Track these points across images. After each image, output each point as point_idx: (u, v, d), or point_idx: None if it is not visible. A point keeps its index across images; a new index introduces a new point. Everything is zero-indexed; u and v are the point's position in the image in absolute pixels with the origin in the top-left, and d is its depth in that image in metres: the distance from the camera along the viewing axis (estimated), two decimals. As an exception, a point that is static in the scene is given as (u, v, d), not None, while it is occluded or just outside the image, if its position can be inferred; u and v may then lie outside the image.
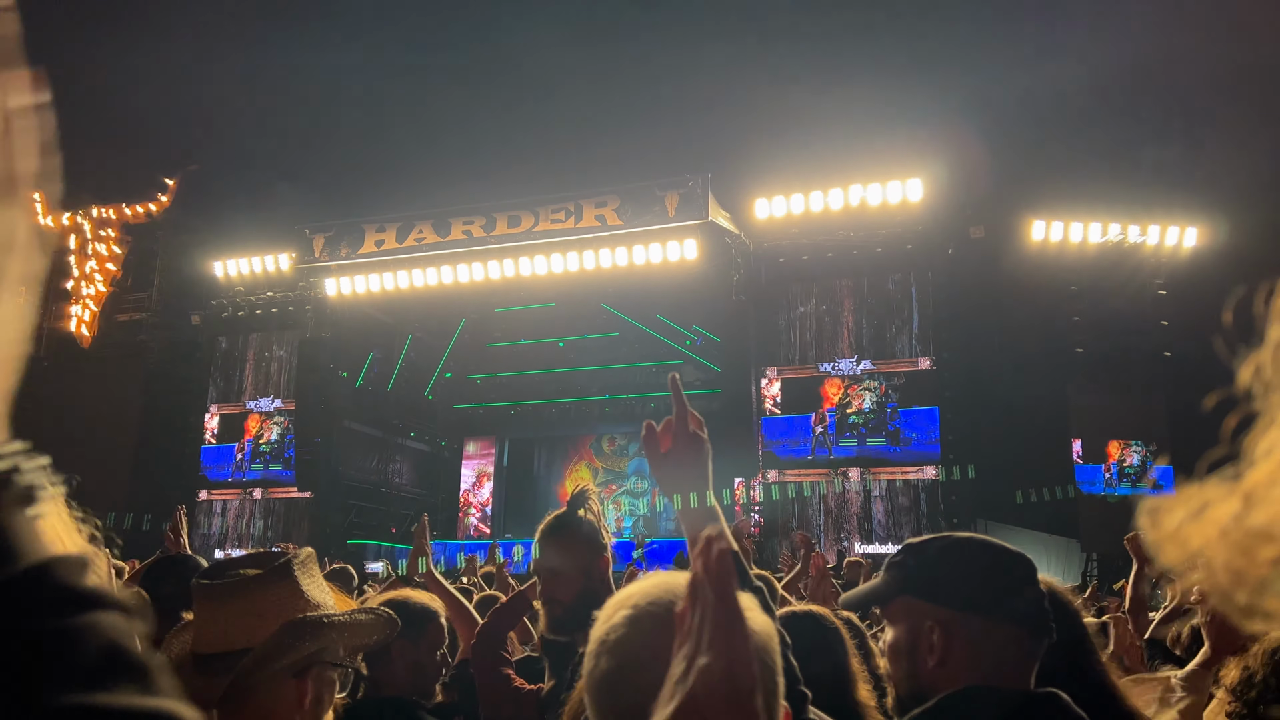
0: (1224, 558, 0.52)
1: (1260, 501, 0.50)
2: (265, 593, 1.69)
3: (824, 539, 16.65)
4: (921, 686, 1.72)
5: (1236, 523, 0.51)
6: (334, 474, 21.07)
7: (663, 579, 1.11)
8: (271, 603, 1.68)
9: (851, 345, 17.54)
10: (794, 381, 17.69)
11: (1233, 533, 0.52)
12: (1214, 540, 0.53)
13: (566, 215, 18.10)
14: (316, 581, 1.80)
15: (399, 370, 23.44)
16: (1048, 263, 17.60)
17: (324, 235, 19.82)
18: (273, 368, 21.75)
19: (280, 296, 21.44)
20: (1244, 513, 0.51)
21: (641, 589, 1.10)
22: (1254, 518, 0.50)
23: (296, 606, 1.70)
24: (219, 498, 21.24)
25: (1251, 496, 0.51)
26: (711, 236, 17.60)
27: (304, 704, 1.67)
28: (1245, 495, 0.52)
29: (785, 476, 17.32)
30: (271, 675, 1.63)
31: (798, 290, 18.05)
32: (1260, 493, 0.51)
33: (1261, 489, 0.51)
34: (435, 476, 25.18)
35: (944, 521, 16.14)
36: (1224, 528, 0.52)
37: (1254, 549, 0.50)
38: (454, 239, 18.83)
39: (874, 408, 17.19)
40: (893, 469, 16.84)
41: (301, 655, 1.66)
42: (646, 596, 1.07)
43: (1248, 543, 0.50)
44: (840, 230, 17.50)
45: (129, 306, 24.54)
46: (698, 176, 17.27)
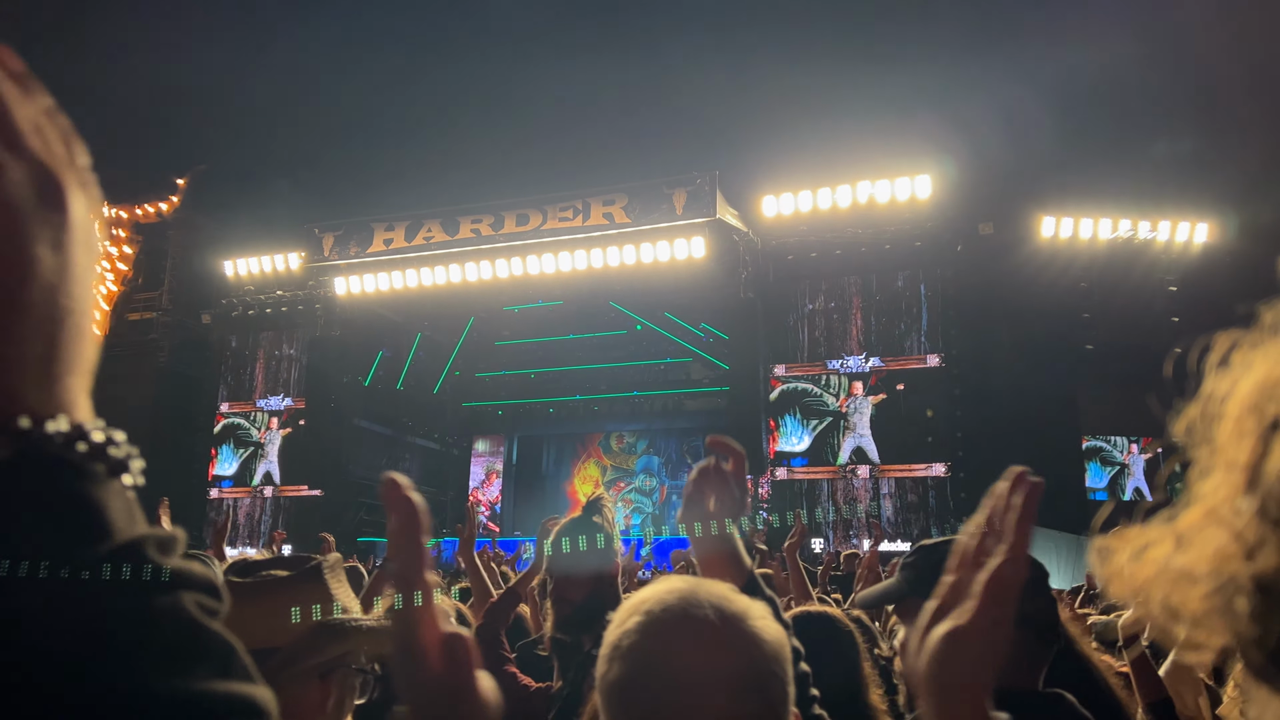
0: (1160, 595, 0.57)
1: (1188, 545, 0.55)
2: (295, 594, 1.71)
3: (833, 537, 16.63)
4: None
5: (1169, 563, 0.57)
6: (343, 472, 21.14)
7: (675, 584, 1.11)
8: (303, 603, 1.70)
9: (860, 343, 17.50)
10: (805, 379, 17.66)
11: (1166, 572, 0.57)
12: (1151, 578, 0.58)
13: (575, 213, 18.11)
14: (344, 587, 1.82)
15: (408, 368, 23.50)
16: (1057, 259, 17.52)
17: (333, 234, 19.88)
18: (283, 366, 21.82)
19: (290, 295, 21.51)
20: (1175, 554, 0.56)
21: (655, 594, 1.10)
22: (1182, 560, 0.55)
23: (325, 610, 1.72)
24: (229, 496, 21.33)
25: (1181, 540, 0.56)
26: (719, 234, 17.59)
27: (325, 707, 1.68)
28: (1177, 538, 0.57)
29: (794, 474, 17.30)
30: (296, 675, 1.64)
31: (806, 288, 18.02)
32: (1188, 537, 0.56)
33: (1189, 534, 0.56)
34: (444, 474, 25.24)
35: (953, 519, 16.11)
36: (1159, 567, 0.57)
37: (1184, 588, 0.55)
38: (462, 237, 18.87)
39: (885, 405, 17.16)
40: (902, 467, 16.81)
41: (328, 657, 1.67)
42: (660, 602, 1.08)
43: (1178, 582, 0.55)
44: (848, 227, 17.46)
45: (139, 306, 24.66)
46: (705, 174, 17.26)
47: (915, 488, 16.71)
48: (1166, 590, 0.56)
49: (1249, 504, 0.51)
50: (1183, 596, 0.55)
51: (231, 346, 22.26)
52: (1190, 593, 0.54)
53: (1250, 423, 0.53)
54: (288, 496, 21.00)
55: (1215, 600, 0.52)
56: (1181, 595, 0.55)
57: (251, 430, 21.63)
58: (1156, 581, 0.57)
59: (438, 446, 25.16)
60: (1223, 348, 0.58)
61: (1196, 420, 0.58)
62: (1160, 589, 0.57)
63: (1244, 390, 0.55)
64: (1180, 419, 0.60)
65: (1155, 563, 0.57)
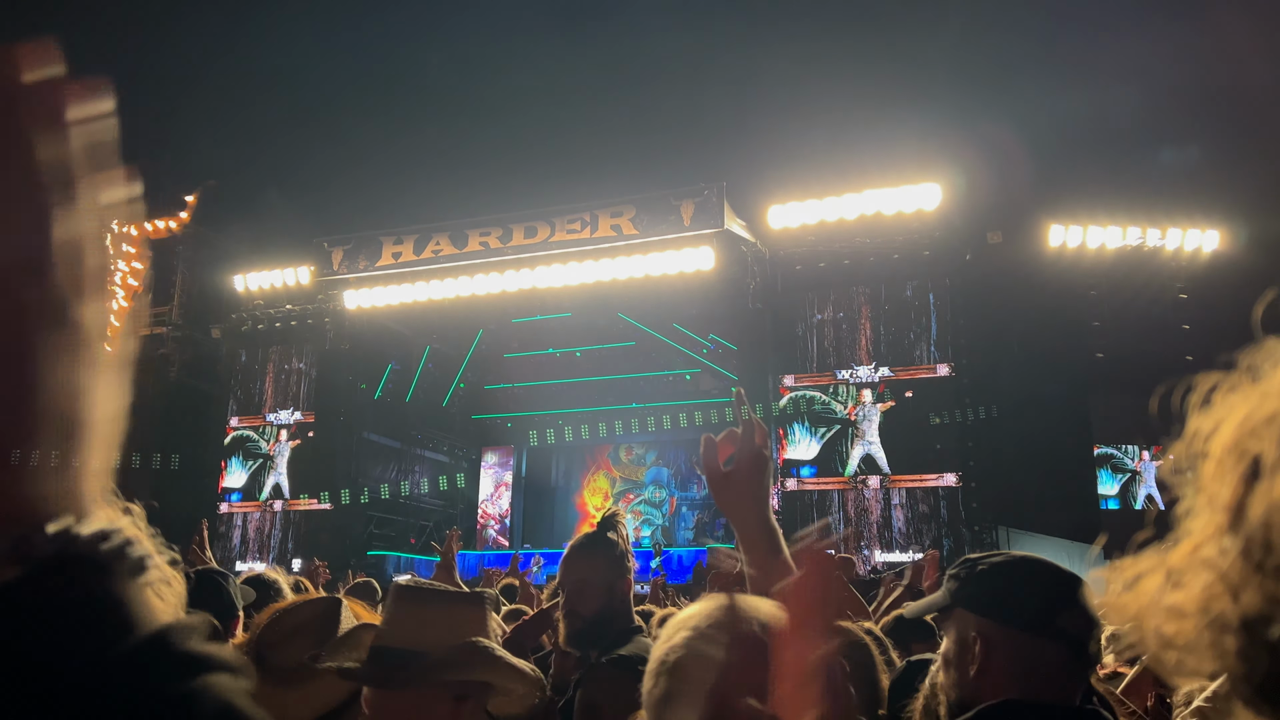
0: (1152, 625, 0.59)
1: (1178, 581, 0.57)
2: (462, 609, 1.76)
3: (844, 547, 16.57)
4: (965, 696, 1.77)
5: (1160, 597, 0.59)
6: (353, 485, 21.17)
7: (723, 603, 1.11)
8: (463, 621, 1.74)
9: (869, 352, 17.47)
10: (814, 388, 17.63)
11: (1157, 605, 0.59)
12: (1144, 609, 0.60)
13: (582, 225, 18.15)
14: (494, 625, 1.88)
15: (417, 381, 23.53)
16: (1066, 268, 17.48)
17: (342, 248, 19.95)
18: (292, 380, 21.89)
19: (299, 309, 21.58)
20: (1165, 589, 0.58)
21: (702, 611, 1.10)
22: (1172, 597, 0.57)
23: (482, 633, 1.76)
24: (239, 510, 21.37)
25: (1171, 574, 0.58)
26: (727, 245, 17.59)
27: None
28: (1167, 572, 0.59)
29: (804, 485, 17.26)
30: (434, 686, 1.66)
31: (814, 298, 18.00)
32: (1178, 573, 0.58)
33: (1179, 570, 0.58)
34: (453, 487, 25.23)
35: (965, 529, 16.04)
36: (1151, 599, 0.59)
37: (1174, 621, 0.57)
38: (471, 250, 18.92)
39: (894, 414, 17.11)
40: (912, 476, 16.75)
41: (469, 679, 1.69)
42: (707, 619, 1.08)
43: (1170, 615, 0.57)
44: (857, 237, 17.45)
45: (149, 321, 24.77)
46: (713, 185, 17.28)
47: (926, 497, 16.64)
48: (1159, 621, 0.58)
49: (1233, 544, 0.53)
50: (1174, 629, 0.56)
51: (241, 360, 22.33)
52: (1181, 626, 0.56)
53: (1231, 462, 0.55)
54: (297, 510, 21.03)
55: (1205, 635, 0.54)
56: (1173, 628, 0.57)
57: (261, 443, 21.68)
58: (1149, 612, 0.59)
59: (447, 459, 25.16)
60: (1205, 387, 0.60)
61: (1183, 458, 0.60)
62: (1153, 619, 0.58)
63: (1226, 430, 0.56)
64: (1167, 457, 0.62)
65: (1147, 594, 0.59)
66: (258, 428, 21.80)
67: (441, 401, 24.44)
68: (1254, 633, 0.50)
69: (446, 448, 25.04)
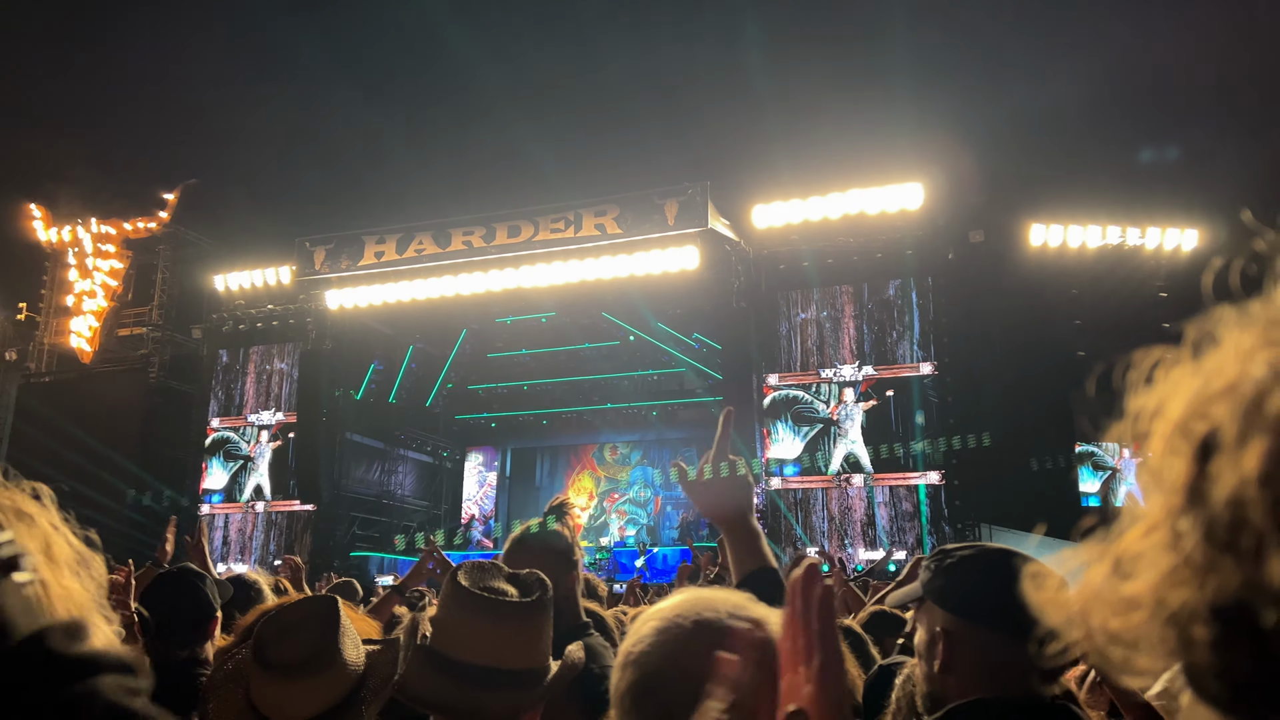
0: (1098, 620, 0.55)
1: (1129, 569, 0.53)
2: (535, 619, 1.78)
3: (828, 546, 16.62)
4: (935, 690, 1.75)
5: (1108, 588, 0.54)
6: (336, 486, 21.06)
7: (692, 595, 1.11)
8: (535, 631, 1.77)
9: (853, 351, 17.54)
10: (797, 387, 17.68)
11: (1105, 597, 0.55)
12: (1089, 603, 0.56)
13: (566, 224, 18.12)
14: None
15: (400, 381, 23.44)
16: (1048, 266, 17.60)
17: (324, 247, 19.84)
18: (274, 380, 21.75)
19: (281, 309, 21.45)
20: (1114, 579, 0.54)
21: (671, 604, 1.10)
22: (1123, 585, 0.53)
23: (547, 636, 1.81)
24: (221, 511, 21.22)
25: (1120, 563, 0.54)
26: (711, 244, 17.62)
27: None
28: (1114, 561, 0.55)
29: (788, 483, 17.30)
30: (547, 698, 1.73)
31: (798, 297, 18.05)
32: (1129, 560, 0.54)
33: (1130, 556, 0.54)
34: (438, 487, 25.16)
35: (948, 527, 16.12)
36: (1097, 591, 0.55)
37: (1124, 613, 0.53)
38: (454, 249, 18.86)
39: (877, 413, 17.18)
40: (896, 475, 16.82)
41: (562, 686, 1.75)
42: (675, 611, 1.07)
43: (1119, 608, 0.53)
44: (840, 236, 17.51)
45: (130, 321, 24.58)
46: (697, 184, 17.30)
47: (909, 496, 16.72)
48: (1105, 615, 0.54)
49: (1191, 527, 0.50)
50: (1124, 622, 0.53)
51: (222, 361, 22.17)
52: (1133, 618, 0.52)
53: (1180, 442, 0.52)
54: (279, 511, 20.90)
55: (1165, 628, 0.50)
56: (1123, 621, 0.53)
57: (242, 444, 21.54)
58: (1094, 606, 0.55)
59: (431, 459, 25.08)
60: (1147, 364, 0.58)
61: (1126, 437, 0.57)
62: (1099, 614, 0.55)
63: (1172, 409, 0.54)
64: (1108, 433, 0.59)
65: (1091, 587, 0.56)
66: (239, 429, 21.66)
67: (425, 401, 24.36)
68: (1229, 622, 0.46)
69: (430, 448, 24.96)
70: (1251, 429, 0.48)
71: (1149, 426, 0.56)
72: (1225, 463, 0.48)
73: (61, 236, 24.96)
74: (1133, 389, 0.58)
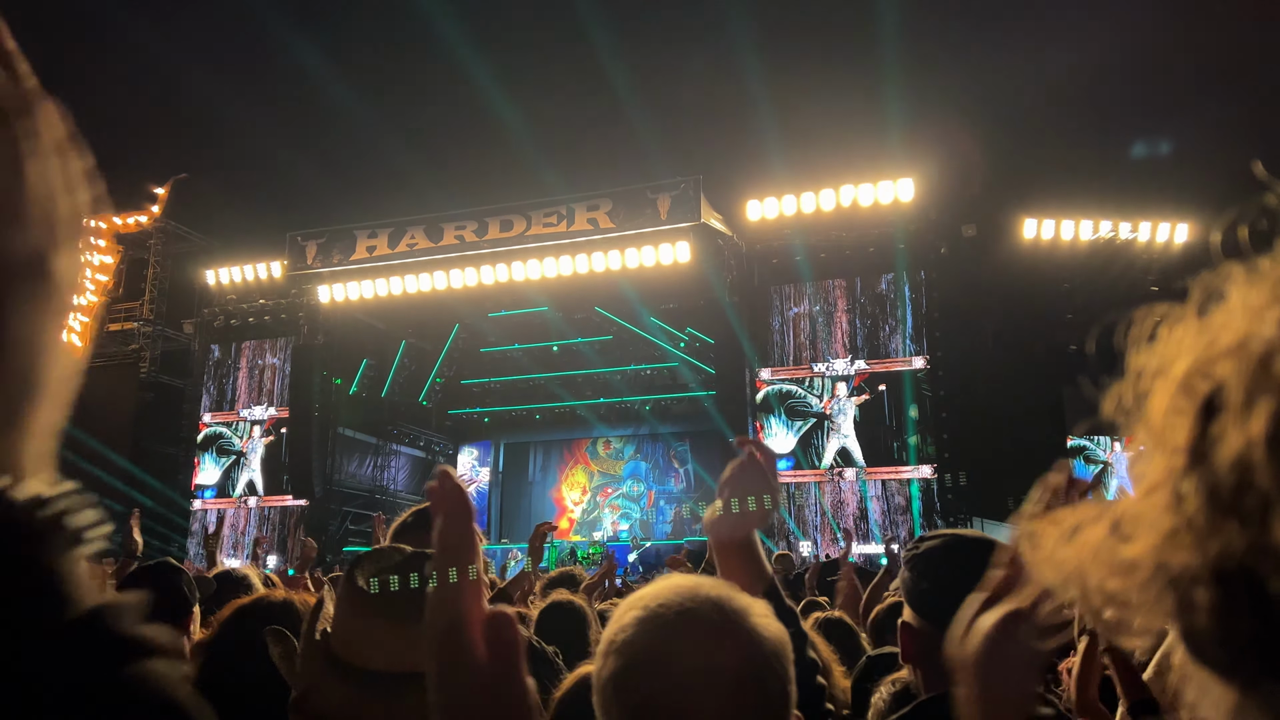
0: (1095, 581, 0.54)
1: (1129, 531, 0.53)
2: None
3: (821, 540, 16.66)
4: (913, 682, 1.75)
5: (1108, 549, 0.54)
6: (329, 481, 21.02)
7: (675, 582, 1.10)
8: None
9: (845, 345, 17.55)
10: (790, 381, 17.70)
11: (1103, 558, 0.54)
12: (1086, 563, 0.55)
13: (559, 219, 18.10)
14: None
15: (393, 376, 23.40)
16: (1040, 261, 17.65)
17: (316, 242, 19.79)
18: (266, 375, 21.69)
19: (273, 304, 21.39)
20: (1113, 540, 0.53)
21: (653, 591, 1.09)
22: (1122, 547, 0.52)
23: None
24: (213, 506, 21.17)
25: (1120, 524, 0.53)
26: (704, 238, 17.61)
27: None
28: (1114, 521, 0.54)
29: (781, 478, 17.31)
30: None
31: (791, 291, 18.06)
32: (1128, 521, 0.53)
33: (1129, 518, 0.53)
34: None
35: (940, 521, 16.16)
36: (1094, 551, 0.54)
37: (1122, 574, 0.52)
38: (446, 244, 18.83)
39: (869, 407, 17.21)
40: (888, 469, 16.86)
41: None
42: (657, 598, 1.07)
43: (1117, 569, 0.52)
44: (832, 231, 17.52)
45: (121, 316, 24.49)
46: (689, 179, 17.30)
47: (902, 489, 16.76)
48: (1102, 576, 0.53)
49: (1193, 488, 0.48)
50: (1122, 584, 0.52)
51: (214, 356, 22.10)
52: (1131, 580, 0.51)
53: (1183, 401, 0.51)
54: (271, 506, 20.87)
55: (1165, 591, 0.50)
56: (1120, 582, 0.52)
57: (234, 439, 21.49)
58: (1091, 566, 0.54)
59: (424, 455, 25.06)
60: (1148, 323, 0.56)
61: (1128, 398, 0.56)
62: (1096, 574, 0.54)
63: (1175, 368, 0.53)
64: (1109, 396, 0.57)
65: (1089, 546, 0.55)
66: (231, 424, 21.60)
67: (418, 396, 24.33)
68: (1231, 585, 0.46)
69: (424, 443, 24.94)
70: (1259, 389, 0.47)
71: (1150, 385, 0.54)
72: (1230, 423, 0.47)
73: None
74: (1134, 347, 0.56)
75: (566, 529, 23.67)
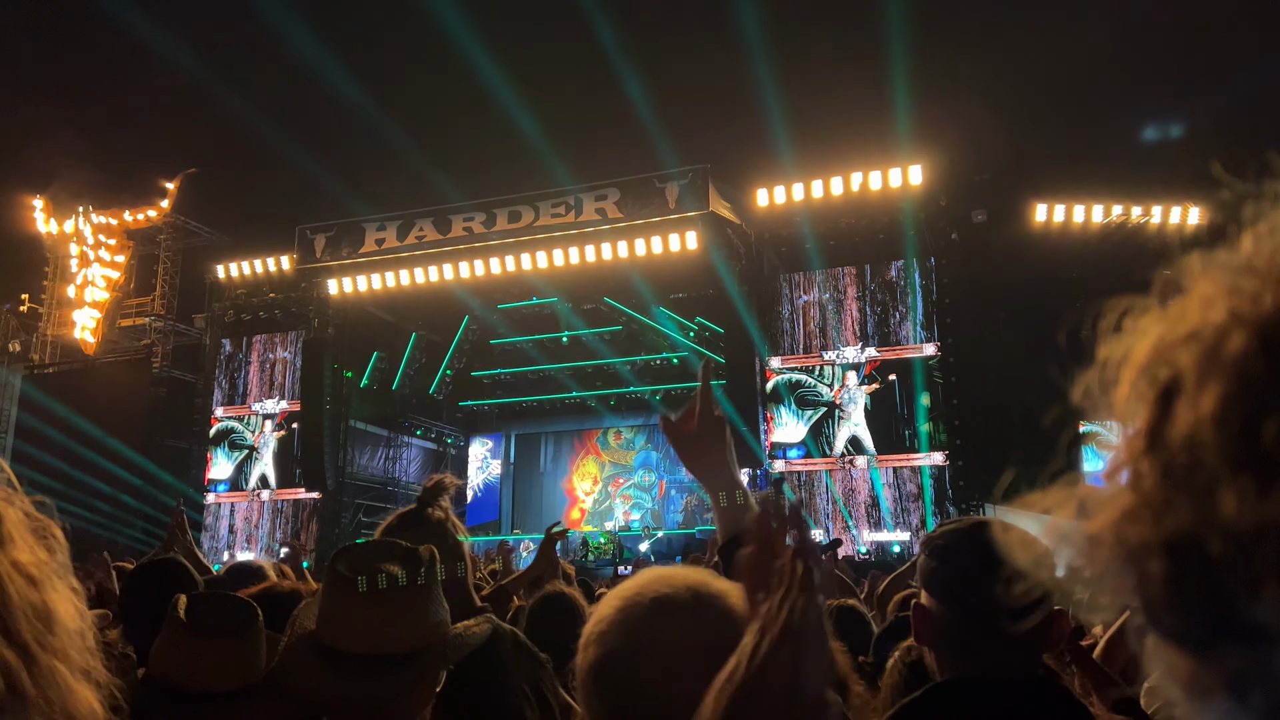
0: (1064, 558, 0.58)
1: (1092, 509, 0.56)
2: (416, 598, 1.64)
3: (832, 528, 16.66)
4: (929, 663, 1.75)
5: (1072, 528, 0.57)
6: (341, 474, 21.11)
7: (654, 572, 1.11)
8: (417, 610, 1.63)
9: (855, 333, 17.51)
10: (800, 370, 17.67)
11: (1068, 536, 0.57)
12: (1055, 543, 0.59)
13: (567, 209, 18.09)
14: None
15: (404, 368, 23.47)
16: (1051, 246, 17.54)
17: (325, 235, 19.84)
18: (277, 369, 21.78)
19: (283, 298, 21.46)
20: (1078, 518, 0.57)
21: (633, 581, 1.10)
22: (1086, 524, 0.56)
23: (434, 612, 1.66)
24: (226, 500, 21.30)
25: (1084, 503, 0.57)
26: (712, 227, 17.57)
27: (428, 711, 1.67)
28: (1079, 501, 0.58)
29: (791, 465, 17.32)
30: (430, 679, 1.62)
31: (800, 279, 18.02)
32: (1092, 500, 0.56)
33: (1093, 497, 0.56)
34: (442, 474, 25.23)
35: (952, 508, 16.14)
36: (1063, 532, 0.58)
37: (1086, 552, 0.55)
38: (455, 236, 18.84)
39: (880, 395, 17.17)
40: (900, 456, 16.83)
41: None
42: (634, 587, 1.08)
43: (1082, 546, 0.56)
44: (842, 218, 17.45)
45: (132, 311, 24.61)
46: (697, 168, 17.27)
47: (914, 477, 16.74)
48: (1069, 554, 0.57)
49: (1150, 467, 0.52)
50: (1085, 560, 0.55)
51: (225, 350, 22.21)
52: (1094, 556, 0.54)
53: (1145, 385, 0.54)
54: (284, 499, 20.97)
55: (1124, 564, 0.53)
56: (1084, 559, 0.55)
57: (246, 434, 21.59)
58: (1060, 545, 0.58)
59: (435, 446, 25.14)
60: (1116, 313, 0.59)
61: (1094, 386, 0.59)
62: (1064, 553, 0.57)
63: (1137, 355, 0.56)
64: (1078, 384, 0.61)
65: (1058, 527, 0.58)
66: (243, 418, 21.70)
67: (429, 388, 24.40)
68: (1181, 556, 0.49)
69: (435, 434, 25.02)
70: (1209, 373, 0.50)
71: (1116, 374, 0.57)
72: (1184, 405, 0.51)
73: (63, 228, 24.95)
74: (1103, 337, 0.60)
75: (578, 519, 23.73)
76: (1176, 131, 19.17)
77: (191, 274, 23.25)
